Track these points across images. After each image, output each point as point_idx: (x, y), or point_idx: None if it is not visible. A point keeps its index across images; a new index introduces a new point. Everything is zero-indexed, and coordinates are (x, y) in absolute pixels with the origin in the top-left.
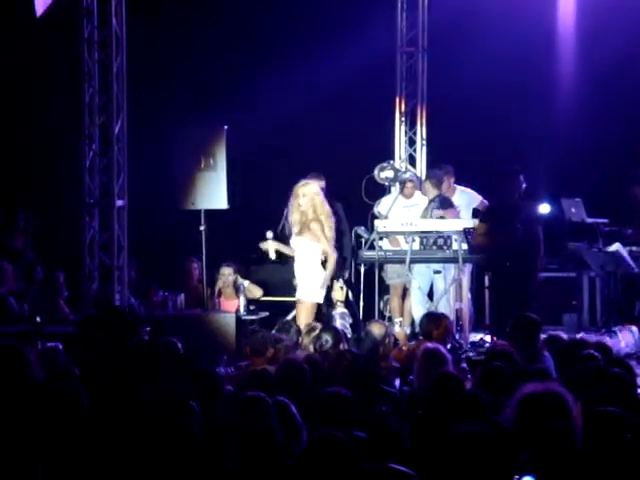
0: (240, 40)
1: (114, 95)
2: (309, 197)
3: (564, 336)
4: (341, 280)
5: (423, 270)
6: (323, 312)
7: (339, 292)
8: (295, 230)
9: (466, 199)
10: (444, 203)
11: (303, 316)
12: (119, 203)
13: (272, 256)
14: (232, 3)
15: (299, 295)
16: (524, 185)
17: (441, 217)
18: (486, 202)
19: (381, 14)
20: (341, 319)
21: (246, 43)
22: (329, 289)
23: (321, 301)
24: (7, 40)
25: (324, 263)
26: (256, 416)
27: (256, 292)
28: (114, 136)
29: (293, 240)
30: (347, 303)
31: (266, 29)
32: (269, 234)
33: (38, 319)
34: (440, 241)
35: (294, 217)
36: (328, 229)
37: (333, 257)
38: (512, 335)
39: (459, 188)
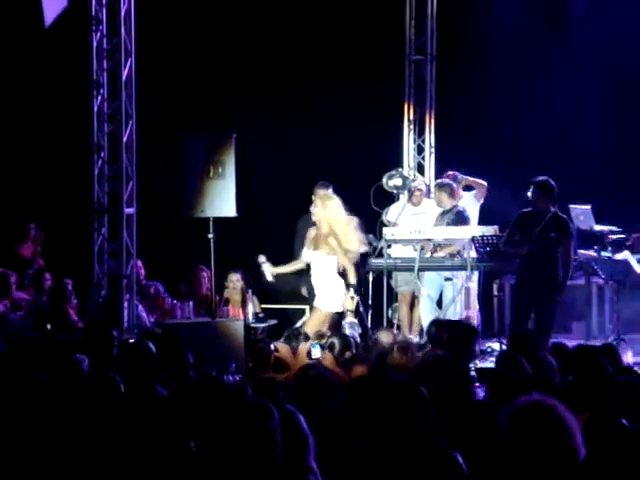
0: (249, 48)
1: (123, 103)
2: (322, 213)
3: (568, 345)
4: (352, 290)
5: (433, 278)
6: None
7: (349, 302)
8: (308, 243)
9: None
10: (460, 218)
11: (316, 323)
12: (128, 211)
13: (269, 278)
14: (242, 11)
15: (317, 303)
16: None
17: None
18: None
19: (389, 21)
20: (350, 329)
21: (255, 51)
22: None
23: (340, 310)
24: (15, 49)
25: (341, 273)
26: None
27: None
28: (123, 144)
29: (308, 253)
30: (357, 313)
31: (275, 36)
32: (261, 258)
33: (49, 326)
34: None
35: (311, 229)
36: (347, 241)
37: (352, 270)
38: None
39: (466, 194)
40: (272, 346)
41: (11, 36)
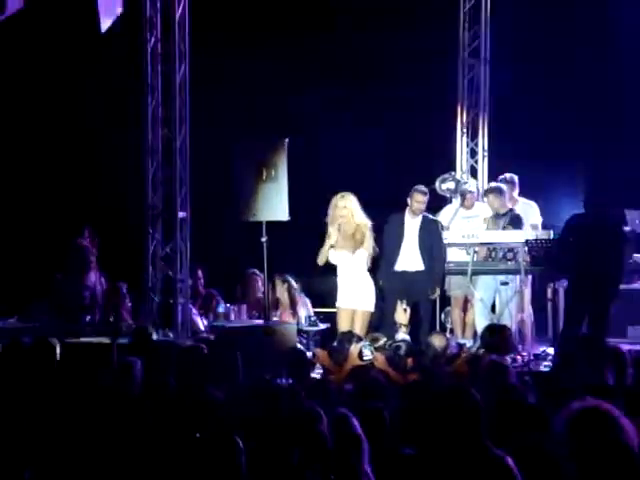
0: (302, 53)
1: (177, 107)
2: (349, 209)
3: (624, 348)
4: (405, 301)
5: (488, 282)
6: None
7: (402, 315)
8: (336, 242)
9: (526, 212)
10: (515, 222)
11: (364, 325)
12: (181, 215)
13: None
14: (294, 14)
15: (355, 305)
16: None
17: None
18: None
19: (444, 25)
20: None
21: (308, 56)
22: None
23: (372, 310)
24: (72, 54)
25: (370, 271)
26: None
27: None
28: (177, 148)
29: (337, 253)
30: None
31: (327, 41)
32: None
33: (111, 318)
34: (509, 255)
35: (333, 229)
36: (368, 239)
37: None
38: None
39: (521, 200)
40: (311, 353)
41: (67, 41)
